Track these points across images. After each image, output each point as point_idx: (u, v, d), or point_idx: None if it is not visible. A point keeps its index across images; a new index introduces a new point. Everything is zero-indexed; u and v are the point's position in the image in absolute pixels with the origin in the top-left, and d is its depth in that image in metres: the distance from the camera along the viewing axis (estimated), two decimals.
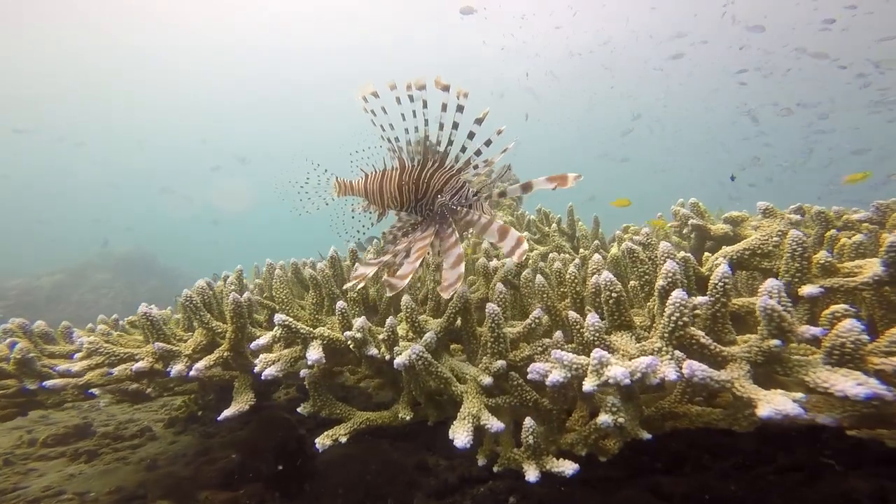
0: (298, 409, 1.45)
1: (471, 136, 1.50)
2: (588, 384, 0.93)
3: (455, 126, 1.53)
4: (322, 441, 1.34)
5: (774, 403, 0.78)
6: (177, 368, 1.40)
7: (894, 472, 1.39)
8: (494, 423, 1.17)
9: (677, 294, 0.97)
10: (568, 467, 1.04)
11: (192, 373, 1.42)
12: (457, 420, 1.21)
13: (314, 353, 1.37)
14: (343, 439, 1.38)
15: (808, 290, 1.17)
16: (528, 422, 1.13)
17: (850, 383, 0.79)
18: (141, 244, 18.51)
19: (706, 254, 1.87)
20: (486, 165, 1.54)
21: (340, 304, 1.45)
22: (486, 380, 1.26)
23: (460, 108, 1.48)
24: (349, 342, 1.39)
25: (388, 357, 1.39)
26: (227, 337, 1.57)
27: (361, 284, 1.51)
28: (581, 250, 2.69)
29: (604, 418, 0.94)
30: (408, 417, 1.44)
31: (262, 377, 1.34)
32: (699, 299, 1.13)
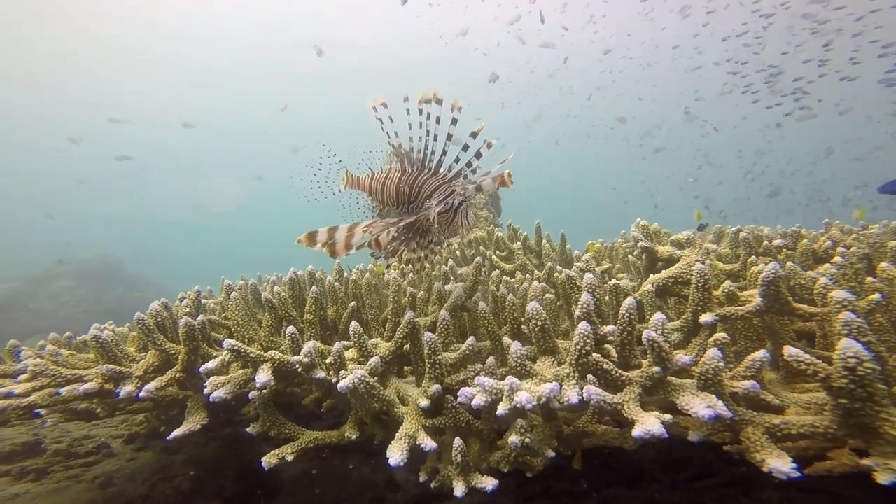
0: (247, 430, 1.51)
1: (465, 147, 1.67)
2: (501, 408, 1.05)
3: (449, 137, 1.70)
4: (268, 460, 1.41)
5: (646, 425, 0.91)
6: (126, 390, 1.45)
7: (800, 484, 1.56)
8: (428, 443, 1.27)
9: (582, 326, 1.11)
10: (489, 483, 1.15)
11: (141, 394, 1.47)
12: (394, 440, 1.30)
13: (263, 376, 1.44)
14: (290, 458, 1.45)
15: (704, 318, 1.33)
16: (457, 442, 1.24)
17: (702, 406, 0.93)
18: (107, 250, 17.81)
19: (651, 275, 2.04)
20: (485, 176, 1.68)
21: (290, 329, 1.53)
22: (424, 402, 1.36)
23: (454, 121, 1.66)
24: (297, 366, 1.47)
25: (334, 380, 1.48)
26: (180, 359, 1.62)
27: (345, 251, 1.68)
28: (535, 272, 2.84)
29: (512, 439, 1.06)
30: (354, 437, 1.53)
31: (210, 399, 1.40)
32: (608, 328, 1.27)
